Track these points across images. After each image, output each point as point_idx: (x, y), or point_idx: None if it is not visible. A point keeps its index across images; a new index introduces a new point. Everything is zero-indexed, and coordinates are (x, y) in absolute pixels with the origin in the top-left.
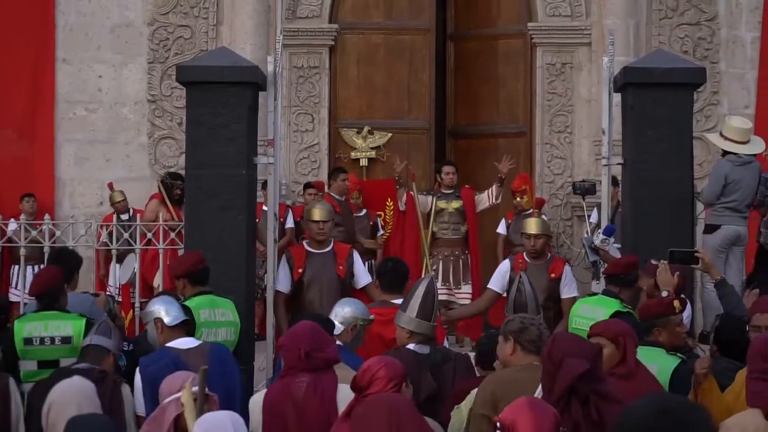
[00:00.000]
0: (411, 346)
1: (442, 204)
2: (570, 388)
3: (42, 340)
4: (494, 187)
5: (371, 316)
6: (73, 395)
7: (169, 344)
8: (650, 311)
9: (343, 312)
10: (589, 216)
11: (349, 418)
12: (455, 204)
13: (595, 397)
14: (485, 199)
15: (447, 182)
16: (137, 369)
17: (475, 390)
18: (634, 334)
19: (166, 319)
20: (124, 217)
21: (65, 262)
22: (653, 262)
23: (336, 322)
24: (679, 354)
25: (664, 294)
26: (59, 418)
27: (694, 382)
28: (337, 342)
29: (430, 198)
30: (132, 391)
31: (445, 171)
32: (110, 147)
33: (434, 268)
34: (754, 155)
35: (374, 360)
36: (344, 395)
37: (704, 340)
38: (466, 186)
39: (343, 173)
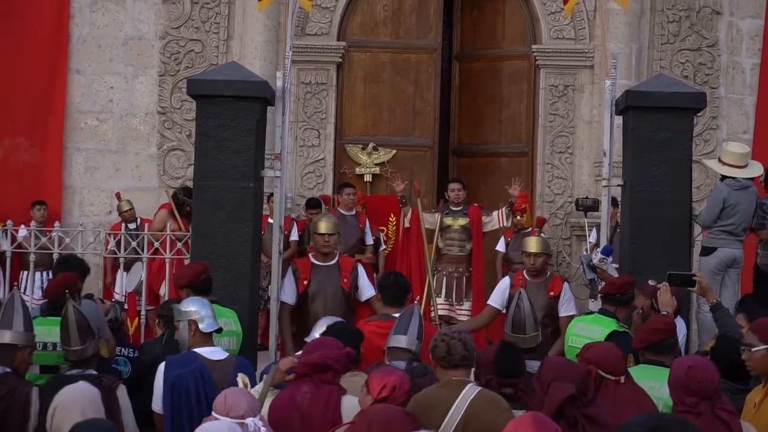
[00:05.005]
0: (386, 361)
1: (448, 221)
2: (558, 411)
3: (45, 346)
4: (504, 209)
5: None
6: (77, 400)
7: (198, 350)
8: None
9: (320, 326)
10: (588, 235)
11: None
12: (462, 221)
13: (584, 419)
14: (495, 221)
15: (453, 199)
16: (161, 367)
17: None
18: (609, 363)
19: (202, 325)
20: (132, 226)
21: (71, 268)
22: (651, 282)
23: (315, 335)
24: None
25: (664, 314)
26: (63, 423)
27: None
28: None
29: (437, 215)
30: (143, 390)
31: (451, 188)
32: (120, 157)
33: (437, 283)
34: (752, 179)
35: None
36: (349, 405)
37: None
38: (475, 204)
39: (348, 188)
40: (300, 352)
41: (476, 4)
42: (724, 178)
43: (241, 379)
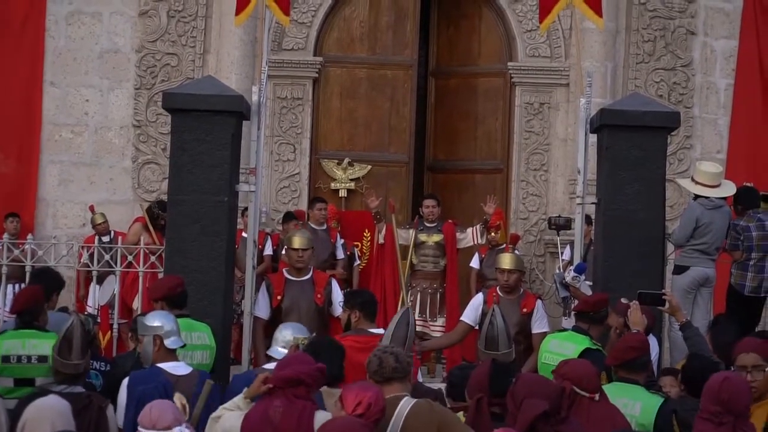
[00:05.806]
0: None
1: (423, 237)
2: (531, 428)
3: (19, 358)
4: (479, 227)
5: (310, 334)
6: (47, 414)
7: (161, 365)
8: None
9: (282, 336)
10: (562, 253)
11: None
12: (436, 237)
13: None
14: (469, 238)
15: (428, 215)
16: (125, 382)
17: None
18: (584, 380)
19: (167, 341)
20: (105, 239)
21: (46, 281)
22: (624, 301)
23: (278, 348)
24: (660, 393)
25: (634, 332)
26: None
27: None
28: None
29: (411, 231)
30: (114, 406)
31: (426, 204)
32: (94, 170)
33: (411, 299)
34: (725, 199)
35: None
36: (322, 419)
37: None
38: (449, 221)
39: (320, 202)
40: (269, 365)
41: (452, 22)
42: (697, 197)
43: (179, 399)
